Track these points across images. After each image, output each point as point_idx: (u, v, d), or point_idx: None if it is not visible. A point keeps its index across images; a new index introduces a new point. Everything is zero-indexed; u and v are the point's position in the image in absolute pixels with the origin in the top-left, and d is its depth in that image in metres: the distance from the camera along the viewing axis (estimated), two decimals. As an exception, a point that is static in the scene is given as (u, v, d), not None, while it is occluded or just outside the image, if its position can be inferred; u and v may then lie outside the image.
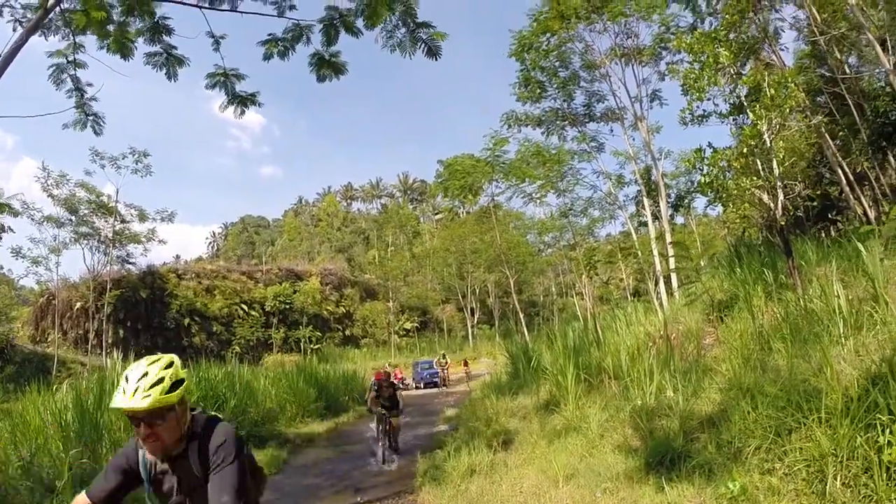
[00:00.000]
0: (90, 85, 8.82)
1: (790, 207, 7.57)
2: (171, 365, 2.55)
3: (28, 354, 34.47)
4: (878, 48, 12.78)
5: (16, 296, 48.54)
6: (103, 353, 36.23)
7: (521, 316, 29.62)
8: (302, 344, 51.54)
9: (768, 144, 7.40)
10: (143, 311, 45.37)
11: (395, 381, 29.35)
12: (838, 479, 4.01)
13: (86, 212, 35.02)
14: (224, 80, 8.51)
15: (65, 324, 42.41)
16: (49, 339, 39.80)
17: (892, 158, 16.32)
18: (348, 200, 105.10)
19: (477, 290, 59.83)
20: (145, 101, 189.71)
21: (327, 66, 8.13)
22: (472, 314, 59.50)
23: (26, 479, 6.70)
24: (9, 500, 6.14)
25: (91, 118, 8.91)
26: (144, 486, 2.68)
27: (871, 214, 15.39)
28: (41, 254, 34.81)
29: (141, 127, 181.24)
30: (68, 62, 8.54)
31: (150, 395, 2.38)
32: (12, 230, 35.02)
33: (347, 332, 58.95)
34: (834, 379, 4.46)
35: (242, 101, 8.76)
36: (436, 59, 7.83)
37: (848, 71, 16.38)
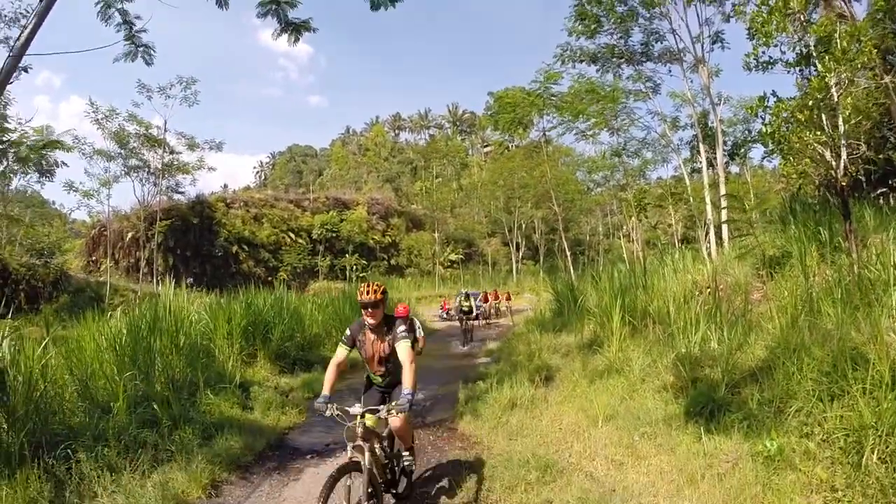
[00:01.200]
0: (139, 18, 8.82)
1: (852, 168, 7.31)
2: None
3: (81, 284, 35.77)
4: None
5: (68, 229, 50.22)
6: (154, 280, 37.52)
7: (568, 254, 29.51)
8: (347, 272, 52.49)
9: (835, 100, 7.14)
10: (193, 239, 46.70)
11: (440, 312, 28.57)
12: (875, 453, 4.03)
13: (135, 144, 35.56)
14: (276, 7, 8.39)
15: (116, 253, 43.98)
16: (101, 269, 41.24)
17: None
18: (396, 130, 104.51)
19: (523, 226, 59.60)
20: (191, 35, 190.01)
21: (383, -7, 7.94)
22: (518, 249, 59.51)
23: (83, 402, 7.03)
24: (66, 421, 6.52)
25: (142, 49, 8.93)
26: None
27: None
28: (93, 187, 35.62)
29: (187, 61, 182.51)
30: (116, -2, 8.50)
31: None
32: (66, 165, 36.18)
33: (392, 262, 59.79)
34: (883, 351, 4.43)
35: (296, 29, 8.65)
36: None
37: None
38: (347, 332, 5.38)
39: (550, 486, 5.52)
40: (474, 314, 21.66)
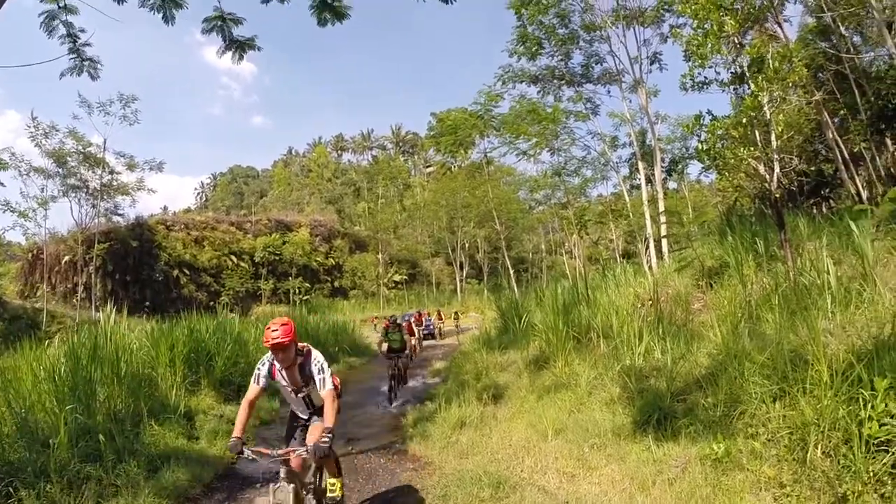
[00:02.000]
0: (83, 31, 8.61)
1: (785, 181, 7.65)
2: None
3: (17, 310, 34.00)
4: (885, 30, 12.67)
5: (3, 252, 48.07)
6: (92, 306, 36.03)
7: (511, 272, 29.80)
8: (291, 295, 51.72)
9: (768, 117, 7.45)
10: (132, 263, 45.03)
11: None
12: (819, 447, 4.20)
13: (74, 163, 34.34)
14: (221, 23, 8.27)
15: (53, 278, 42.08)
16: (38, 295, 39.54)
17: (889, 142, 16.36)
18: (339, 151, 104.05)
19: (466, 245, 59.92)
20: (134, 51, 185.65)
21: (329, 10, 7.91)
22: (461, 269, 59.70)
23: (22, 436, 6.68)
24: (6, 457, 6.21)
25: (87, 63, 8.72)
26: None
27: (864, 195, 15.47)
28: (30, 207, 33.92)
29: (129, 77, 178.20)
30: (60, 7, 8.32)
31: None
32: (2, 184, 34.62)
33: (336, 284, 59.13)
34: (820, 352, 4.59)
35: (241, 46, 8.56)
36: (450, 3, 7.55)
37: (852, 50, 16.25)
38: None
39: (504, 503, 5.51)
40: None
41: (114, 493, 6.12)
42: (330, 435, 4.70)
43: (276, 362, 5.12)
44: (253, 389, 5.11)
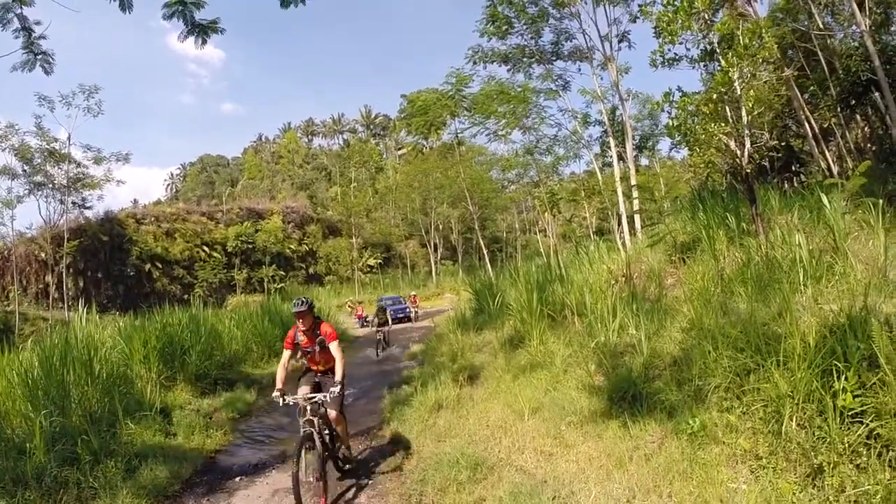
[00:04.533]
0: (38, 23, 8.30)
1: (756, 156, 7.68)
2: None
3: None
4: (856, 8, 12.80)
5: None
6: (65, 305, 35.48)
7: (485, 252, 29.80)
8: (265, 284, 51.37)
9: (738, 93, 7.46)
10: (103, 259, 44.49)
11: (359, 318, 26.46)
12: (794, 419, 4.20)
13: (39, 160, 33.50)
14: (182, 8, 8.04)
15: (24, 279, 41.44)
16: (10, 298, 38.85)
17: (858, 117, 16.59)
18: (309, 136, 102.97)
19: (440, 226, 59.87)
20: (96, 41, 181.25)
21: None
22: (436, 250, 59.72)
23: None
24: None
25: (40, 57, 8.43)
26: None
27: (835, 170, 15.68)
28: None
29: (92, 69, 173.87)
30: (13, 1, 8.01)
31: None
32: None
33: (311, 270, 58.83)
34: (793, 325, 4.60)
35: (203, 30, 8.32)
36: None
37: (822, 27, 16.38)
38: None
39: (482, 484, 5.51)
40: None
41: (92, 495, 6.05)
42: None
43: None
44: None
